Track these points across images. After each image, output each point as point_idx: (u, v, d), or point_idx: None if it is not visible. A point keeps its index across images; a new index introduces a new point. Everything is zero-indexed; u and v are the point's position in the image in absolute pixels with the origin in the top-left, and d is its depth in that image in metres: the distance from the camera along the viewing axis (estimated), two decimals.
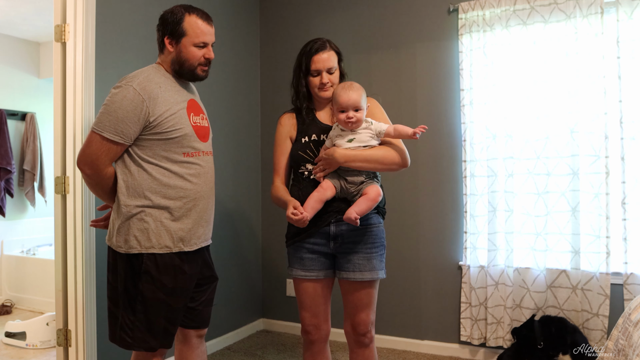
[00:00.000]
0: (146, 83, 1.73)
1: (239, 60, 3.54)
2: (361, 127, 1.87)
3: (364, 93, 1.88)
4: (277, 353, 3.19)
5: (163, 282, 1.75)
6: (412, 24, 3.22)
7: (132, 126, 1.70)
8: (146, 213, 1.75)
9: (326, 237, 1.92)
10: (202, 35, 1.79)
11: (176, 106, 1.79)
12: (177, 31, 1.78)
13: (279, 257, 3.63)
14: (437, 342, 3.14)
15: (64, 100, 2.44)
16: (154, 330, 1.76)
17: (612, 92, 2.69)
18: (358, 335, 1.95)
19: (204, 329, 2.01)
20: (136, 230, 1.75)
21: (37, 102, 4.85)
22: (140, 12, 2.73)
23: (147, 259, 1.75)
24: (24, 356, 3.20)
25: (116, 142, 1.70)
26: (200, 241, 1.86)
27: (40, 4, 3.90)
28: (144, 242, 1.74)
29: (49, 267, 3.88)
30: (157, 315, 1.75)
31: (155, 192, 1.75)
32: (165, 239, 1.76)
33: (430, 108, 3.16)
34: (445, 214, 3.12)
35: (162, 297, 1.75)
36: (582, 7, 2.71)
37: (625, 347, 1.75)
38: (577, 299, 2.73)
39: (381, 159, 1.87)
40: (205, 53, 1.82)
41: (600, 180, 2.68)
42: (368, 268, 1.90)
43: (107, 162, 1.73)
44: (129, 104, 1.68)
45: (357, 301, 1.93)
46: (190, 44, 1.79)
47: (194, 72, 1.84)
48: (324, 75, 1.92)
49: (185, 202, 1.80)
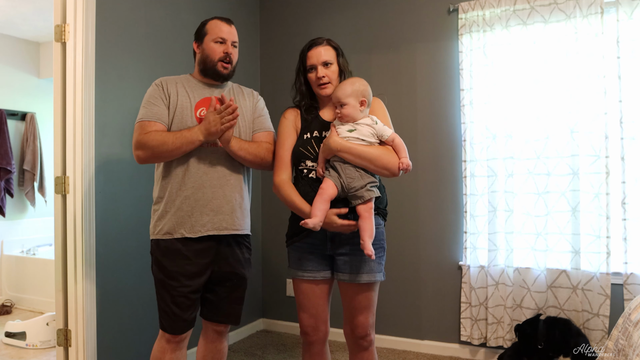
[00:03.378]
0: (165, 78, 1.99)
1: (239, 60, 3.53)
2: (366, 122, 1.84)
3: (360, 89, 1.83)
4: (277, 353, 3.19)
5: (163, 264, 1.91)
6: (412, 24, 3.22)
7: (159, 104, 1.90)
8: (156, 201, 1.96)
9: (323, 238, 1.90)
10: (220, 32, 1.97)
11: (184, 99, 1.94)
12: (201, 33, 2.00)
13: (279, 257, 3.63)
14: (437, 342, 3.14)
15: (64, 100, 2.44)
16: (163, 311, 1.92)
17: (612, 92, 2.69)
18: (357, 338, 1.93)
19: (223, 325, 2.05)
20: (152, 218, 1.98)
21: (37, 102, 4.84)
22: (140, 12, 2.73)
23: (154, 243, 1.95)
24: (24, 356, 3.20)
25: (149, 121, 1.89)
26: (205, 229, 1.90)
27: (40, 4, 3.90)
28: (152, 228, 1.95)
29: (49, 267, 3.88)
30: (163, 296, 1.91)
31: (159, 182, 1.95)
32: (167, 226, 1.90)
33: (430, 108, 3.16)
34: (445, 214, 3.12)
35: (163, 279, 1.90)
36: (582, 7, 2.71)
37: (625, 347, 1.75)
38: (577, 299, 2.73)
39: (375, 159, 1.81)
40: (225, 48, 1.96)
41: (601, 180, 2.68)
42: (366, 270, 1.87)
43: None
44: (151, 91, 1.96)
45: (356, 304, 1.91)
46: (211, 41, 1.97)
47: (215, 68, 1.97)
48: (319, 69, 1.89)
49: (183, 190, 1.90)
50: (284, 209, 2.06)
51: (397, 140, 1.85)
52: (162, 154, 1.86)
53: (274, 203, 3.66)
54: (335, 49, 1.95)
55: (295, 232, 1.94)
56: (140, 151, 1.87)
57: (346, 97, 1.81)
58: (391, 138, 1.84)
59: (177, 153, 1.86)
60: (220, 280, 1.98)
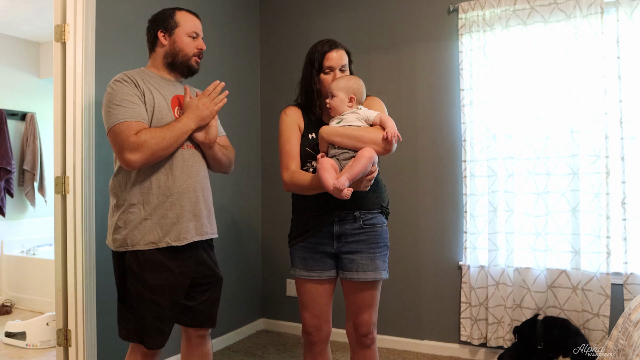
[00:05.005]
0: (129, 74, 1.81)
1: (239, 60, 3.54)
2: (348, 111, 1.85)
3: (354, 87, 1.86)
4: (277, 353, 3.19)
5: (145, 278, 1.76)
6: (412, 24, 3.22)
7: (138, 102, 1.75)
8: (129, 209, 1.77)
9: (329, 236, 1.91)
10: (194, 27, 1.89)
11: (159, 97, 1.82)
12: (170, 24, 1.86)
13: (279, 257, 3.64)
14: (437, 342, 3.14)
15: (64, 100, 2.44)
16: (144, 327, 1.78)
17: (612, 92, 2.69)
18: (360, 336, 1.95)
19: (205, 329, 2.00)
20: (121, 229, 1.78)
21: (37, 102, 4.84)
22: (140, 12, 2.73)
23: (130, 255, 1.77)
24: (24, 356, 3.20)
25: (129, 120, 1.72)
26: (190, 236, 1.83)
27: (40, 4, 3.90)
28: (128, 239, 1.77)
29: (49, 267, 3.88)
30: (145, 312, 1.77)
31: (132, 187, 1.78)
32: (150, 235, 1.76)
33: (430, 108, 3.16)
34: (445, 214, 3.12)
35: (146, 294, 1.76)
36: (582, 7, 2.71)
37: (625, 347, 1.75)
38: (577, 299, 2.73)
39: (360, 137, 1.76)
40: (198, 44, 1.90)
41: (601, 180, 2.68)
42: (371, 268, 1.89)
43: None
44: (123, 89, 1.75)
45: (360, 302, 1.92)
46: (184, 34, 1.87)
47: (189, 62, 1.89)
48: (337, 73, 1.93)
49: (167, 196, 1.79)
50: (284, 209, 2.06)
51: (383, 117, 1.81)
52: (161, 152, 1.72)
53: (274, 203, 3.66)
54: (348, 54, 2.00)
55: (300, 232, 1.95)
56: (137, 153, 1.68)
57: (338, 89, 1.85)
58: (377, 118, 1.82)
59: (172, 149, 1.75)
60: (198, 285, 1.92)
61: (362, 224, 1.89)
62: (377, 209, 1.93)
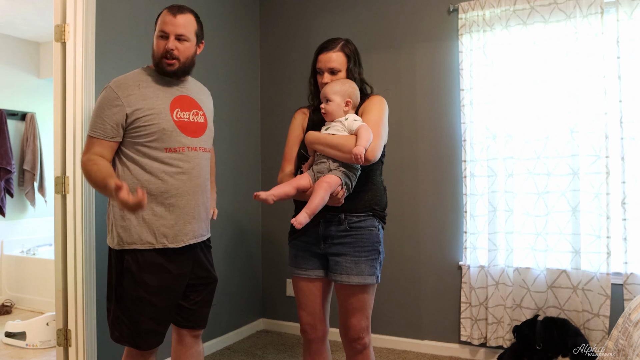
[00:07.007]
0: (123, 81, 1.80)
1: (239, 60, 3.54)
2: (340, 119, 1.84)
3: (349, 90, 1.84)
4: (277, 353, 3.19)
5: (144, 280, 1.76)
6: (412, 24, 3.22)
7: (108, 121, 1.75)
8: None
9: (317, 237, 1.90)
10: (162, 25, 1.80)
11: (155, 101, 1.80)
12: (156, 24, 1.84)
13: (279, 257, 3.63)
14: (437, 342, 3.14)
15: (64, 100, 2.44)
16: (139, 329, 1.77)
17: (612, 92, 2.69)
18: (350, 340, 1.93)
19: (199, 330, 2.00)
20: (119, 227, 1.79)
21: (37, 102, 4.84)
22: (140, 12, 2.73)
23: (129, 255, 1.78)
24: (24, 356, 3.20)
25: (96, 137, 1.76)
26: (188, 238, 1.83)
27: (40, 4, 3.90)
28: (126, 238, 1.78)
29: (49, 267, 3.88)
30: (141, 313, 1.77)
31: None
32: (147, 235, 1.77)
33: (430, 108, 3.16)
34: (445, 214, 3.12)
35: (144, 296, 1.76)
36: (582, 7, 2.71)
37: (625, 347, 1.75)
38: (577, 299, 2.73)
39: (339, 146, 1.76)
40: (165, 44, 1.79)
41: (601, 180, 2.68)
42: (355, 272, 1.85)
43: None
44: (105, 101, 1.77)
45: (348, 305, 1.90)
46: (155, 36, 1.83)
47: (159, 64, 1.82)
48: (325, 76, 1.89)
49: (166, 198, 1.79)
50: (283, 209, 2.06)
51: (361, 130, 1.78)
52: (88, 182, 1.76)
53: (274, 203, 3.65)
54: (347, 56, 1.89)
55: (293, 230, 1.95)
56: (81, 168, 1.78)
57: (333, 94, 1.83)
58: (357, 129, 1.79)
59: (95, 188, 1.78)
60: (195, 285, 1.92)
61: (348, 227, 1.86)
62: (368, 212, 1.88)
